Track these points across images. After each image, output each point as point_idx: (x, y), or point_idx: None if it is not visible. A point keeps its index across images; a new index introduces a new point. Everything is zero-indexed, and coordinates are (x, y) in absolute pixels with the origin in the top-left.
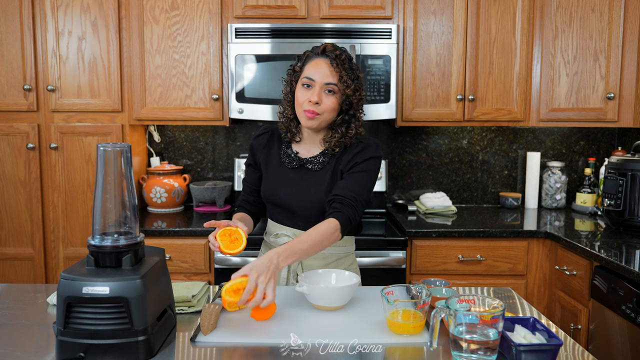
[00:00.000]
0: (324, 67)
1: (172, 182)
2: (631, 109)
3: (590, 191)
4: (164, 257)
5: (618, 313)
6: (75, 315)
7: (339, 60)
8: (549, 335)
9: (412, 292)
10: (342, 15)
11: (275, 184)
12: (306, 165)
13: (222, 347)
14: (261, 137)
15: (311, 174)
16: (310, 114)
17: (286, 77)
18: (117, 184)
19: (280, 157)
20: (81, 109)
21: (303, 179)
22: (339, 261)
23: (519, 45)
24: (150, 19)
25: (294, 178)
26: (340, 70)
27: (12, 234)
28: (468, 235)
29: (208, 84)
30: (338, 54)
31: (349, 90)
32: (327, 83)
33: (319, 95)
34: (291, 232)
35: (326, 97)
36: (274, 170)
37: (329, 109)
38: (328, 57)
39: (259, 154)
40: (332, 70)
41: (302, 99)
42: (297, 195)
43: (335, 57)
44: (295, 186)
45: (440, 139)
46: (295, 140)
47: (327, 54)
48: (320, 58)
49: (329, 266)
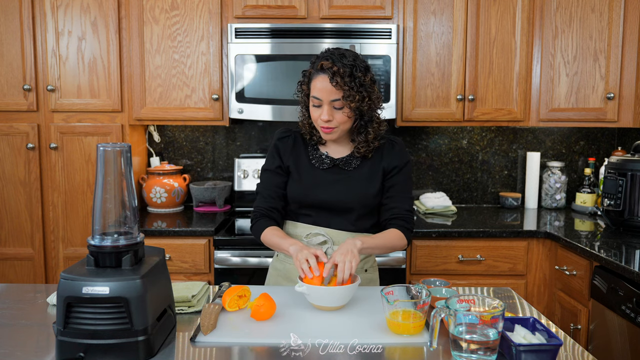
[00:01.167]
0: (326, 84)
1: (172, 182)
2: (631, 109)
3: (590, 191)
4: (164, 257)
5: (618, 313)
6: (75, 315)
7: (338, 77)
8: (549, 335)
9: (412, 292)
10: (342, 15)
11: (310, 185)
12: (340, 165)
13: (222, 347)
14: (286, 140)
15: (347, 174)
16: (325, 129)
17: (298, 86)
18: (117, 184)
19: (309, 158)
20: (81, 109)
21: (339, 178)
22: (367, 259)
23: (519, 45)
24: (150, 19)
25: (330, 178)
26: (341, 85)
27: (12, 234)
28: (468, 235)
29: (208, 84)
30: (335, 70)
31: (353, 104)
32: (332, 100)
33: (328, 113)
34: (324, 232)
35: (336, 112)
36: (306, 172)
37: (342, 121)
38: (326, 74)
39: (286, 156)
40: (334, 87)
41: (314, 116)
42: (337, 195)
43: (333, 75)
44: (333, 186)
45: (440, 139)
46: (321, 143)
47: (324, 70)
48: (320, 74)
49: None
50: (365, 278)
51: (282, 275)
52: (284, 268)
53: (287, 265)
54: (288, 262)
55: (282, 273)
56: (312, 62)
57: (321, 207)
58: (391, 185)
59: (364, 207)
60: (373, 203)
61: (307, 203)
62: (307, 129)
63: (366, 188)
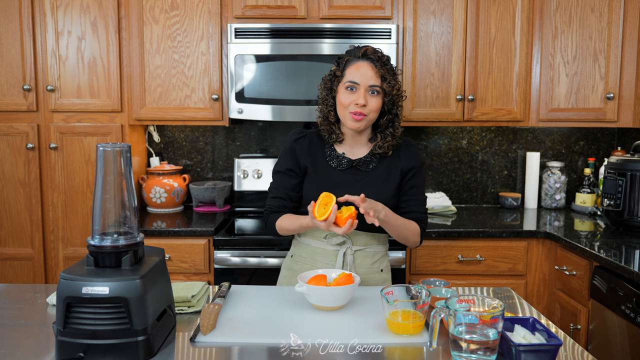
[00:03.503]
0: (366, 69)
1: (171, 182)
2: (630, 109)
3: (590, 191)
4: (164, 257)
5: (618, 313)
6: (74, 315)
7: (381, 62)
8: (549, 335)
9: (412, 292)
10: (342, 15)
11: (328, 186)
12: (357, 166)
13: (221, 347)
14: (302, 141)
15: (365, 174)
16: (357, 115)
17: (323, 83)
18: (116, 184)
19: (326, 159)
20: (81, 109)
21: (357, 179)
22: (382, 259)
23: (519, 46)
24: (149, 19)
25: (348, 179)
26: (384, 72)
27: (12, 234)
28: (468, 235)
29: (208, 84)
30: (380, 56)
31: (394, 90)
32: (371, 85)
33: (365, 97)
34: None
35: (371, 98)
36: (323, 173)
37: (374, 109)
38: (370, 60)
39: (303, 158)
40: (376, 72)
41: (347, 102)
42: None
43: (378, 59)
44: (352, 187)
45: (439, 139)
46: (338, 141)
47: (369, 56)
48: (361, 61)
49: (374, 264)
50: (380, 278)
51: (296, 276)
52: (300, 269)
53: (304, 265)
54: (303, 262)
55: (297, 274)
56: (347, 52)
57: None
58: (409, 187)
59: None
60: (390, 204)
61: None
62: (326, 127)
63: (383, 189)
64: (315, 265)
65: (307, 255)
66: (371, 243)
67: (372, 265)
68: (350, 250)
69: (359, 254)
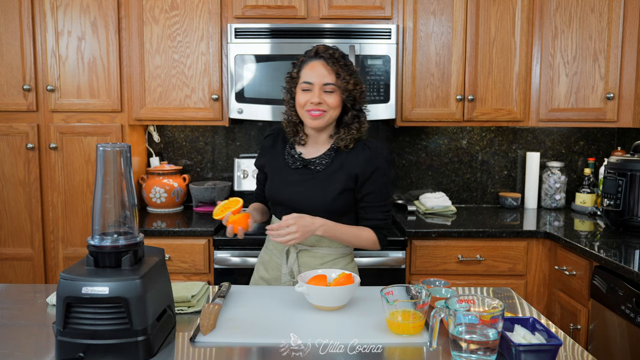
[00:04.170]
0: (320, 68)
1: (171, 182)
2: (630, 109)
3: (590, 191)
4: (164, 257)
5: (617, 313)
6: (74, 315)
7: (333, 59)
8: (549, 336)
9: (412, 292)
10: (342, 16)
11: (280, 184)
12: (309, 165)
13: (221, 347)
14: (268, 139)
15: (314, 174)
16: (314, 112)
17: (285, 85)
18: (116, 184)
19: (284, 157)
20: (81, 109)
21: (307, 179)
22: (335, 261)
23: (519, 46)
24: (149, 19)
25: (297, 179)
26: (337, 68)
27: (12, 234)
28: (467, 235)
29: (207, 84)
30: (331, 53)
31: (349, 85)
32: (325, 83)
33: (319, 95)
34: None
35: (327, 96)
36: (278, 171)
37: (332, 106)
38: (322, 58)
39: (266, 156)
40: (329, 70)
41: (303, 102)
42: (302, 195)
43: (330, 57)
44: (299, 186)
45: (439, 139)
46: (300, 143)
47: (321, 54)
48: (314, 60)
49: (324, 265)
50: None
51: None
52: (268, 260)
53: (269, 257)
54: (269, 253)
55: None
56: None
57: (289, 206)
58: (365, 193)
59: (324, 210)
60: (334, 206)
61: (277, 201)
62: (291, 128)
63: (326, 191)
64: (272, 258)
65: (272, 246)
66: (320, 245)
67: (321, 266)
68: (294, 248)
69: (304, 254)
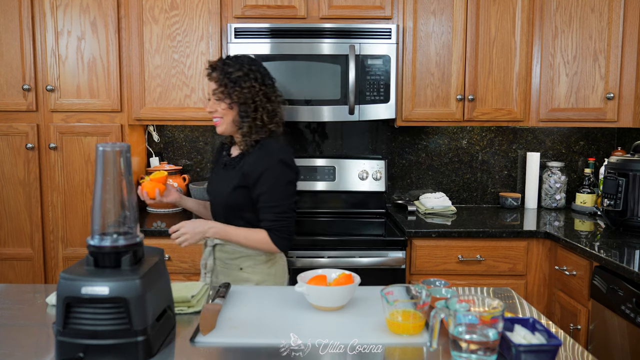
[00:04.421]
0: (209, 80)
1: (171, 182)
2: (631, 109)
3: (590, 191)
4: (164, 258)
5: (618, 313)
6: (74, 315)
7: (211, 69)
8: (549, 336)
9: (412, 292)
10: (342, 15)
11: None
12: (228, 164)
13: (221, 347)
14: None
15: (222, 173)
16: (214, 120)
17: None
18: (116, 184)
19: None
20: (80, 109)
21: (216, 177)
22: (244, 258)
23: (519, 45)
24: (149, 18)
25: (213, 177)
26: (216, 75)
27: (12, 234)
28: (468, 235)
29: (207, 84)
30: (212, 64)
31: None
32: (212, 93)
33: (210, 105)
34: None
35: (215, 104)
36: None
37: (222, 113)
38: (208, 70)
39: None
40: (214, 80)
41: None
42: (210, 190)
43: (211, 67)
44: (213, 183)
45: (439, 139)
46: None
47: (207, 67)
48: None
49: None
50: (239, 277)
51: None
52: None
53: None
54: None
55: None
56: None
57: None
58: (257, 195)
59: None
60: (230, 201)
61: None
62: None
63: (221, 188)
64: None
65: None
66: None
67: (231, 261)
68: (210, 241)
69: (219, 247)
